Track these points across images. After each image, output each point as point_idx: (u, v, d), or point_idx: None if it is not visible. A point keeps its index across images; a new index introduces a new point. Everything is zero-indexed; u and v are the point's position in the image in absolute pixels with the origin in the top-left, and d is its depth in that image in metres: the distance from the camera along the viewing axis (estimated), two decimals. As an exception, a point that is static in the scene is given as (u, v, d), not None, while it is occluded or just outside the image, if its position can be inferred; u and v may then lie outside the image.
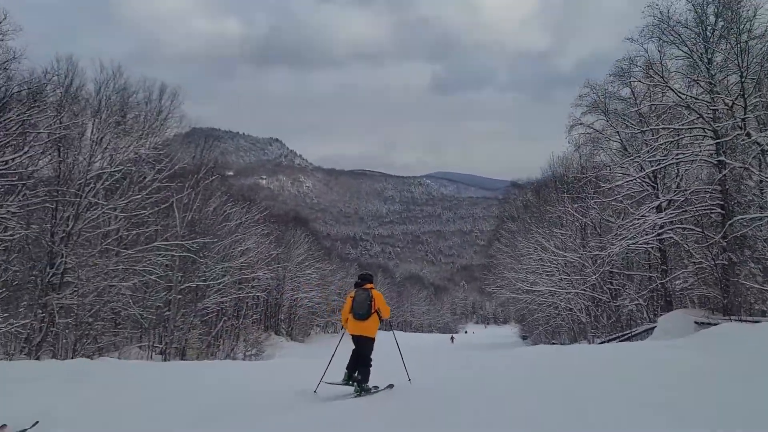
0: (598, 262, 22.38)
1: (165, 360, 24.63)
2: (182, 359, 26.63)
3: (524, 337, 50.98)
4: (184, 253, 24.77)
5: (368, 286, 8.74)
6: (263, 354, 37.39)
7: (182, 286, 25.63)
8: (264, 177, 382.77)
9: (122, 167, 23.30)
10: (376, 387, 8.68)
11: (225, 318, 36.28)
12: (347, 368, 8.60)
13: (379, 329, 8.84)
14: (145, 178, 24.49)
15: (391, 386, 8.79)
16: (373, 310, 8.42)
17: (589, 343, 25.39)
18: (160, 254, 24.70)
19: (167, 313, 25.45)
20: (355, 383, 8.35)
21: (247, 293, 39.19)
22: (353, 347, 8.63)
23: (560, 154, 32.45)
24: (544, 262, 27.40)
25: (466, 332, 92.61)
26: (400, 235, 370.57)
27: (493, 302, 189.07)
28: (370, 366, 8.54)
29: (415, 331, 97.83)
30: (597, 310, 23.13)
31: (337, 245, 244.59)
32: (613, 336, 21.03)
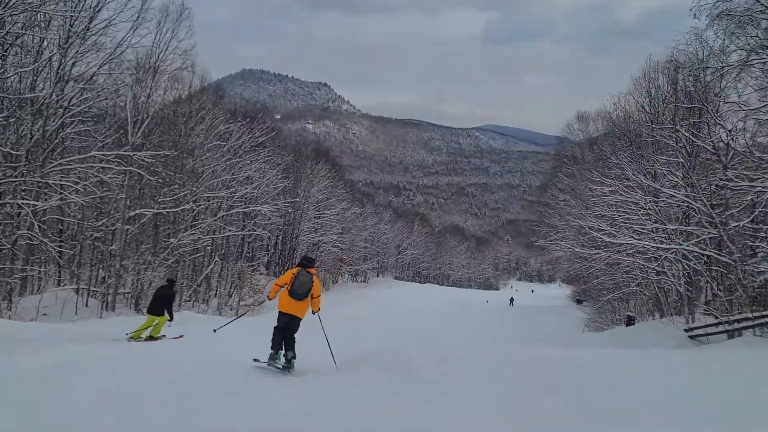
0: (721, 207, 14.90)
1: (105, 308, 18.37)
2: (136, 309, 20.37)
3: (578, 301, 43.49)
4: (131, 169, 18.09)
5: (311, 270, 8.79)
6: (260, 305, 31.10)
7: (131, 213, 19.05)
8: (311, 122, 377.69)
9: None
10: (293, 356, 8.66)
11: (216, 260, 30.02)
12: (273, 348, 8.45)
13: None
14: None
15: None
16: (308, 295, 8.52)
17: (689, 323, 17.95)
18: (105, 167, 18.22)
19: (111, 248, 19.06)
20: (289, 361, 8.46)
21: (250, 231, 32.76)
22: (276, 326, 8.60)
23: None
24: (629, 207, 19.86)
25: (515, 289, 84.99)
26: (444, 186, 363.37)
27: (539, 259, 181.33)
28: (295, 342, 8.65)
29: (453, 285, 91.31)
30: (708, 276, 15.74)
31: (379, 193, 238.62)
32: (742, 317, 13.53)
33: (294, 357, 8.47)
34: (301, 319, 8.60)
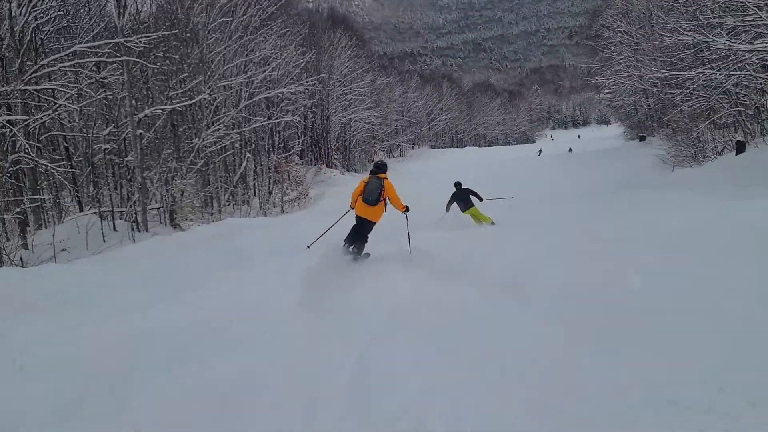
0: None
1: (137, 229, 15.78)
2: (172, 225, 17.78)
3: (641, 137, 39.71)
4: (127, 58, 14.65)
5: (381, 175, 9.00)
6: (306, 198, 28.51)
7: (140, 115, 15.84)
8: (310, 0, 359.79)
9: None
10: (367, 254, 9.11)
11: (248, 155, 27.03)
12: (345, 241, 8.94)
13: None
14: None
15: (367, 255, 9.10)
16: (381, 198, 8.80)
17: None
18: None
19: (127, 159, 16.14)
20: (353, 256, 8.85)
21: (278, 118, 29.42)
22: (354, 224, 9.07)
23: None
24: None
25: (551, 138, 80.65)
26: (460, 45, 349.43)
27: (570, 103, 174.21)
28: (366, 242, 9.06)
29: (490, 145, 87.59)
30: None
31: (395, 62, 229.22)
32: None
33: (359, 252, 8.90)
34: (374, 223, 8.97)
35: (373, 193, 8.70)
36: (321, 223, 11.60)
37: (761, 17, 15.43)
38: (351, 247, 8.86)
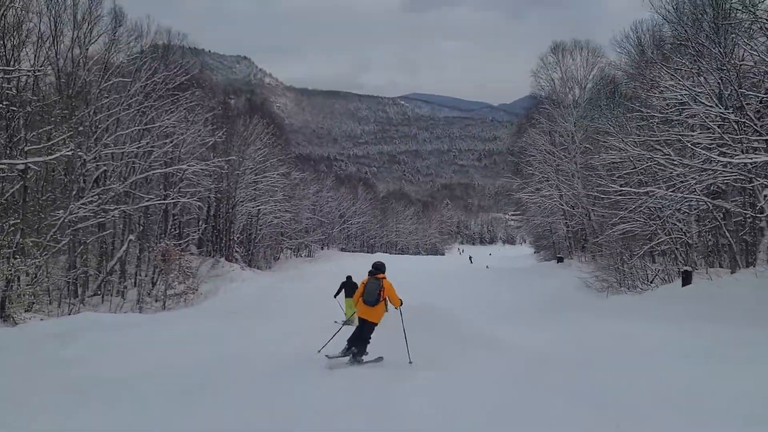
0: None
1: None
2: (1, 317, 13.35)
3: (559, 259, 38.79)
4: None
5: (380, 276, 9.21)
6: (195, 293, 24.42)
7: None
8: (233, 97, 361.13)
9: None
10: (380, 358, 9.32)
11: (131, 238, 22.88)
12: (348, 341, 9.11)
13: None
14: None
15: (380, 359, 9.31)
16: (381, 298, 9.04)
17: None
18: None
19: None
20: (352, 355, 8.98)
21: (174, 200, 25.64)
22: (357, 325, 9.30)
23: None
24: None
25: (468, 256, 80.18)
26: (375, 155, 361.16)
27: (478, 221, 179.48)
28: (368, 343, 9.22)
29: (400, 253, 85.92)
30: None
31: (311, 163, 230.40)
32: None
33: (357, 352, 9.01)
34: (375, 324, 9.14)
35: (373, 294, 8.94)
36: (204, 325, 10.37)
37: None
38: (351, 348, 8.97)
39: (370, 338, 9.14)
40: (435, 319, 12.69)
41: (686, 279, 17.37)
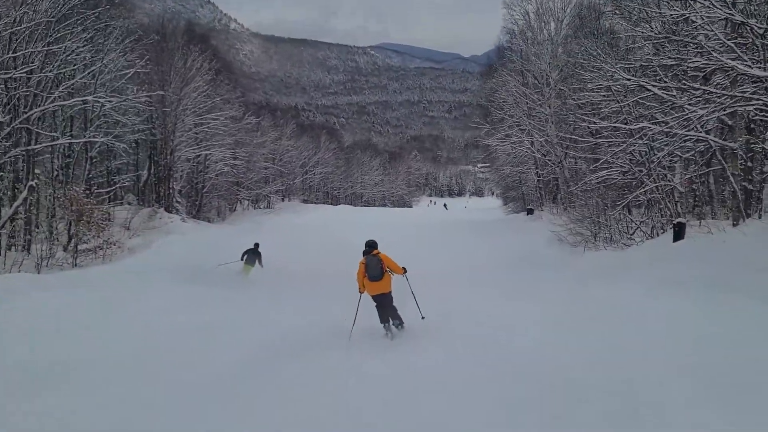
0: None
1: None
2: None
3: (529, 211, 36.19)
4: None
5: (375, 252, 9.88)
6: (113, 247, 21.12)
7: None
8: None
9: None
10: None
11: (33, 183, 19.27)
12: (382, 322, 9.80)
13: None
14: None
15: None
16: (384, 270, 9.74)
17: None
18: None
19: None
20: (398, 326, 9.74)
21: (89, 139, 21.95)
22: (375, 305, 9.83)
23: None
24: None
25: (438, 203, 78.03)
26: (344, 105, 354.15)
27: (447, 173, 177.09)
28: (397, 311, 9.84)
29: (367, 205, 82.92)
30: None
31: (277, 114, 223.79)
32: None
33: (401, 323, 9.76)
34: (390, 293, 9.77)
35: (377, 269, 9.65)
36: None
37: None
38: (389, 325, 9.75)
39: (395, 307, 9.80)
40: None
41: (679, 233, 14.73)
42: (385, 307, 9.69)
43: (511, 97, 32.76)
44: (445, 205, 67.10)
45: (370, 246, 9.91)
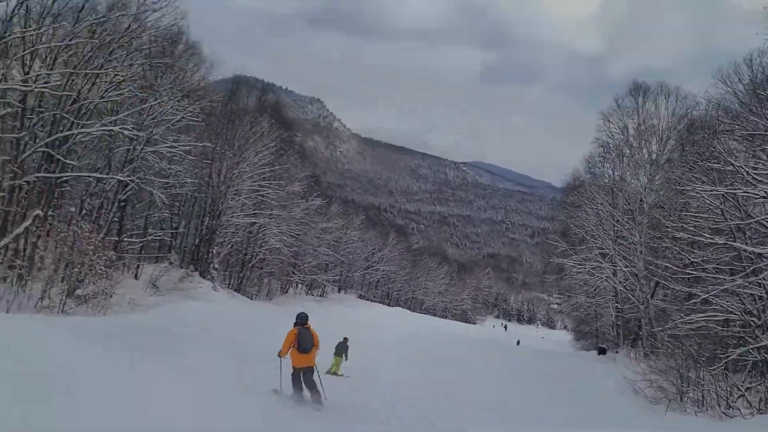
0: None
1: None
2: None
3: (601, 350, 31.18)
4: None
5: (307, 325, 10.42)
6: (109, 297, 18.55)
7: None
8: (299, 135, 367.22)
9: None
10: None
11: (39, 211, 17.27)
12: (294, 393, 10.31)
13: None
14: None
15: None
16: (313, 345, 10.29)
17: None
18: None
19: None
20: (316, 402, 10.17)
21: (126, 178, 20.12)
22: (295, 377, 10.34)
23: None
24: None
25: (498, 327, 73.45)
26: (426, 213, 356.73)
27: (519, 297, 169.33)
28: (318, 384, 10.41)
29: (425, 313, 78.48)
30: None
31: (359, 211, 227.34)
32: None
33: (319, 402, 10.15)
34: (314, 367, 10.37)
35: (308, 342, 10.15)
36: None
37: None
38: (302, 393, 10.20)
39: (314, 379, 10.26)
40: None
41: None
42: (309, 382, 10.14)
43: (595, 216, 28.98)
44: (505, 327, 63.33)
45: (303, 318, 10.45)
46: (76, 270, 17.08)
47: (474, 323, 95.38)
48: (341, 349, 17.16)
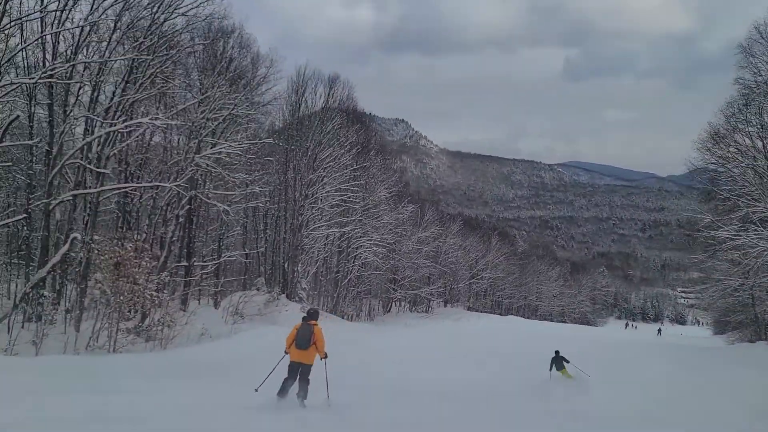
0: None
1: None
2: None
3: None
4: None
5: (312, 322, 9.96)
6: (169, 328, 15.63)
7: None
8: (388, 157, 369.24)
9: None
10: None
11: (76, 236, 14.65)
12: (278, 394, 9.64)
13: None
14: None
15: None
16: (312, 342, 9.76)
17: None
18: None
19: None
20: (302, 399, 9.73)
21: (150, 185, 17.36)
22: (290, 367, 9.83)
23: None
24: None
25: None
26: (526, 218, 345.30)
27: (641, 294, 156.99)
28: (308, 384, 9.80)
29: (542, 319, 72.32)
30: None
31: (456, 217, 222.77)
32: None
33: (304, 396, 9.71)
34: (310, 366, 9.83)
35: (305, 339, 9.65)
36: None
37: None
38: (287, 394, 9.65)
39: (308, 380, 9.77)
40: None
41: None
42: (301, 376, 9.70)
43: (752, 171, 23.12)
44: (659, 331, 60.19)
45: (310, 314, 10.14)
46: (121, 299, 14.16)
47: (596, 326, 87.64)
48: (559, 363, 17.43)
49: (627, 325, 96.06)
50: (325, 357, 9.92)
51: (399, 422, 9.59)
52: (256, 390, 9.72)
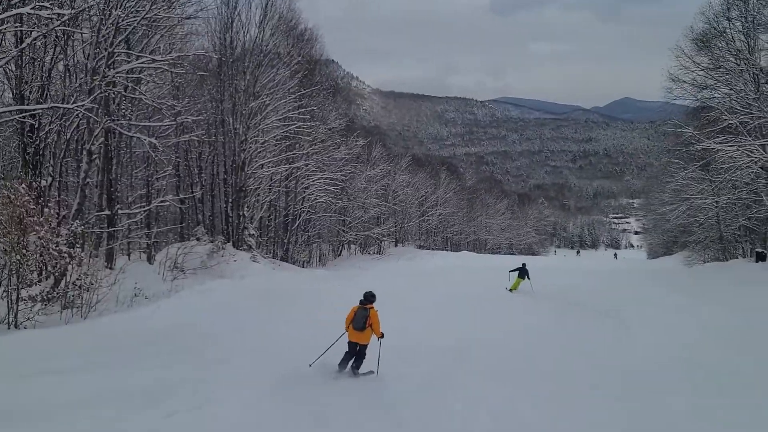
0: None
1: None
2: None
3: (761, 255, 23.70)
4: None
5: (368, 306, 10.29)
6: (79, 292, 12.02)
7: None
8: (333, 83, 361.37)
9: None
10: (371, 372, 10.42)
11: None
12: (339, 365, 10.20)
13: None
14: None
15: (371, 372, 10.42)
16: (367, 325, 10.13)
17: None
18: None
19: None
20: (355, 370, 10.30)
21: (50, 106, 13.41)
22: (349, 345, 10.29)
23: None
24: None
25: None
26: (462, 155, 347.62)
27: (578, 222, 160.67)
28: (364, 358, 10.34)
29: (492, 253, 71.42)
30: None
31: (389, 146, 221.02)
32: None
33: (357, 368, 10.26)
34: (366, 345, 10.29)
35: (360, 321, 10.05)
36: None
37: None
38: (347, 367, 10.18)
39: (365, 354, 10.27)
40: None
41: None
42: (357, 353, 10.15)
43: (728, 77, 20.99)
44: (615, 255, 61.30)
45: (367, 299, 10.27)
46: (18, 258, 10.51)
47: (540, 256, 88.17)
48: (523, 272, 21.20)
49: (578, 252, 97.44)
50: (381, 337, 10.11)
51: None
52: (310, 365, 9.84)
